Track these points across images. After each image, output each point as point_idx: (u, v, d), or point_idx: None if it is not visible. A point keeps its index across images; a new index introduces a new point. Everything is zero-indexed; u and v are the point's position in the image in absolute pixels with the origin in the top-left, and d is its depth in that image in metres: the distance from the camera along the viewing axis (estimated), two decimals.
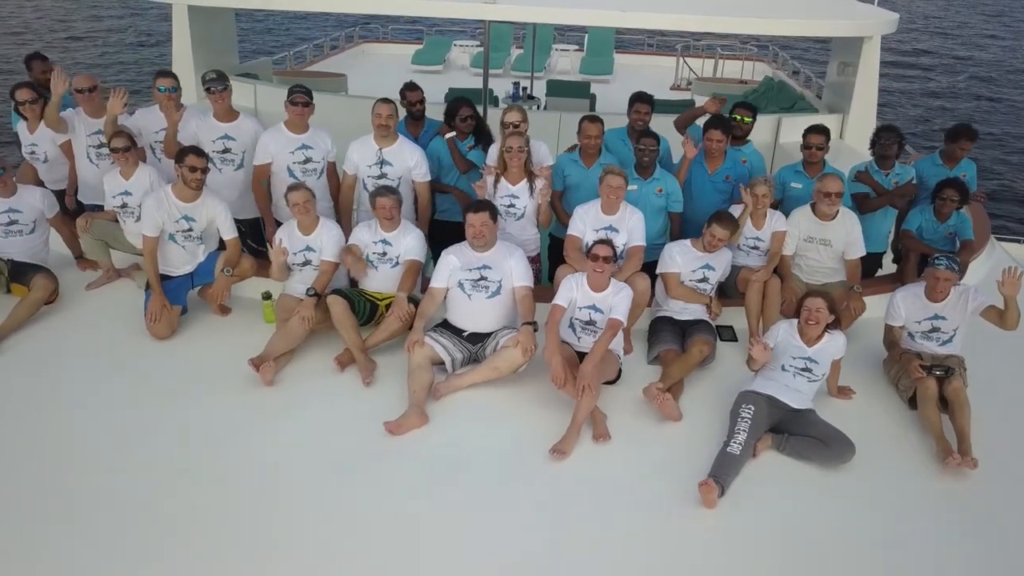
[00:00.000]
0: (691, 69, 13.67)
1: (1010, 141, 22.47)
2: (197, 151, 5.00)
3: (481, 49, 15.04)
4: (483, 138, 5.74)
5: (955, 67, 31.79)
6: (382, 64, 14.14)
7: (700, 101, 10.90)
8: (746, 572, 3.49)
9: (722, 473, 3.93)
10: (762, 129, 7.29)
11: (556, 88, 11.00)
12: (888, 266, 6.15)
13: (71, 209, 6.02)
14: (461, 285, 4.77)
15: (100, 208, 5.75)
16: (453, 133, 5.65)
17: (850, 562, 3.56)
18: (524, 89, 11.36)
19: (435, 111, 6.20)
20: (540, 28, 13.11)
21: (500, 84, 11.65)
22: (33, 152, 5.94)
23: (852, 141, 7.99)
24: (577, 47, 15.17)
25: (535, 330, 4.62)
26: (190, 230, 5.12)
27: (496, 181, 5.24)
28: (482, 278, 4.74)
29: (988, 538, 3.72)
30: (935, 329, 4.73)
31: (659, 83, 12.65)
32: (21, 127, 5.96)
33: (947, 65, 32.07)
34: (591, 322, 4.58)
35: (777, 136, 8.30)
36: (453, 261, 4.80)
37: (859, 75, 7.97)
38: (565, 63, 14.63)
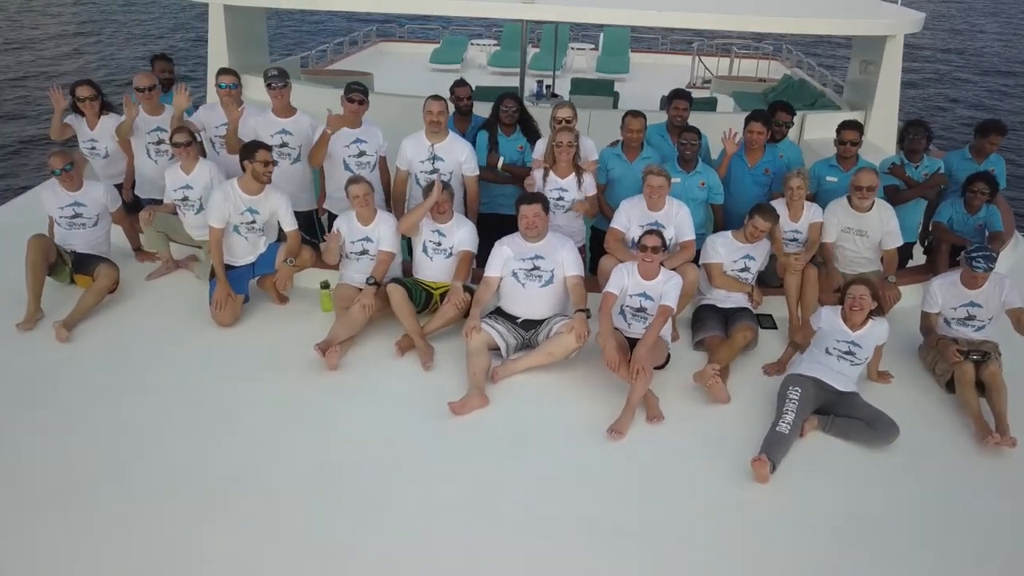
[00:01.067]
0: (707, 68, 13.87)
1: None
2: (267, 146, 5.22)
3: (498, 48, 15.28)
4: (530, 133, 5.95)
5: (973, 63, 32.07)
6: (400, 63, 14.35)
7: (720, 99, 11.15)
8: (797, 544, 3.70)
9: (772, 451, 4.14)
10: None
11: (580, 86, 11.20)
12: (919, 257, 6.35)
13: (128, 203, 6.24)
14: (515, 274, 4.98)
15: (157, 202, 5.98)
16: (501, 161, 5.86)
17: (896, 537, 3.76)
18: (548, 87, 11.56)
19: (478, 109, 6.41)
20: (562, 27, 13.31)
21: (509, 80, 11.85)
22: (93, 148, 6.16)
23: (874, 138, 8.16)
24: (592, 46, 15.37)
25: (587, 317, 4.84)
26: (253, 222, 5.33)
27: (545, 175, 5.45)
28: (535, 268, 4.95)
29: None
30: (971, 316, 4.93)
31: (675, 81, 12.78)
32: (80, 124, 6.18)
33: (965, 61, 32.30)
34: (641, 309, 4.79)
35: (801, 132, 8.49)
36: (507, 251, 5.01)
37: (882, 73, 8.15)
38: (581, 62, 14.82)
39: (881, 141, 7.97)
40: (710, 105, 10.29)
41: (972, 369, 4.63)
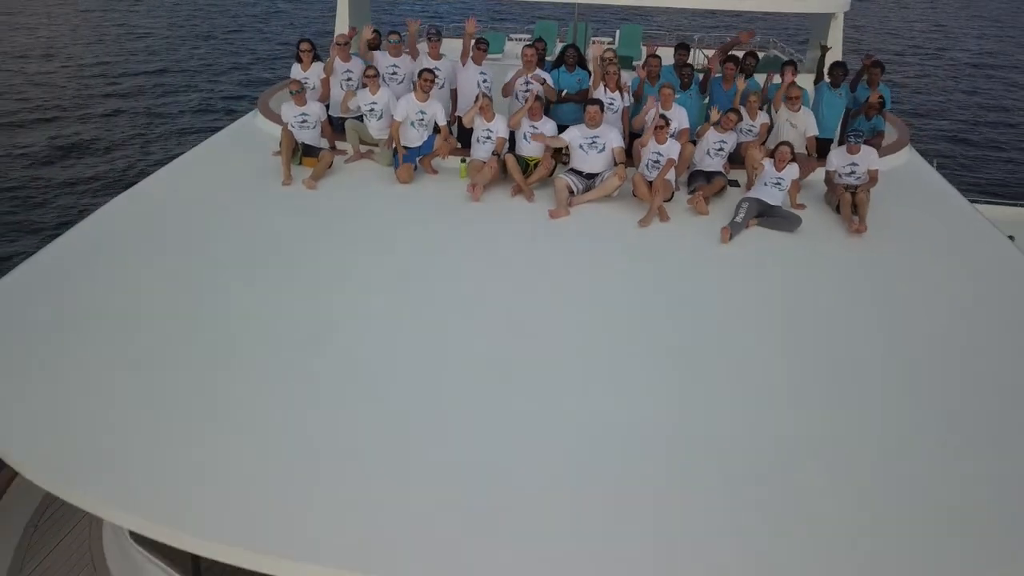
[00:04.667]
0: (705, 56, 17.31)
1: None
2: (429, 70, 8.72)
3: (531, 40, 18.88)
4: (584, 70, 9.42)
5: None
6: (452, 53, 17.93)
7: None
8: (747, 273, 7.01)
9: (732, 228, 7.55)
10: None
11: None
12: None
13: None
14: (581, 146, 8.41)
15: (342, 120, 9.44)
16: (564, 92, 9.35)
17: (794, 261, 7.16)
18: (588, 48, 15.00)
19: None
20: (580, 25, 16.84)
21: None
22: (306, 81, 9.63)
23: None
24: (610, 40, 18.83)
25: (624, 167, 8.26)
26: (422, 119, 8.80)
27: (595, 89, 8.91)
28: (593, 143, 8.38)
29: (876, 269, 7.22)
30: (852, 172, 8.33)
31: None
32: (295, 67, 9.68)
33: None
34: (656, 162, 8.21)
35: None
36: (575, 132, 8.44)
37: (835, 31, 11.63)
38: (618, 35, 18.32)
39: None
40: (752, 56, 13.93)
41: (850, 196, 8.02)
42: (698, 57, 17.29)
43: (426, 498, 4.29)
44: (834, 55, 11.65)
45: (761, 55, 15.71)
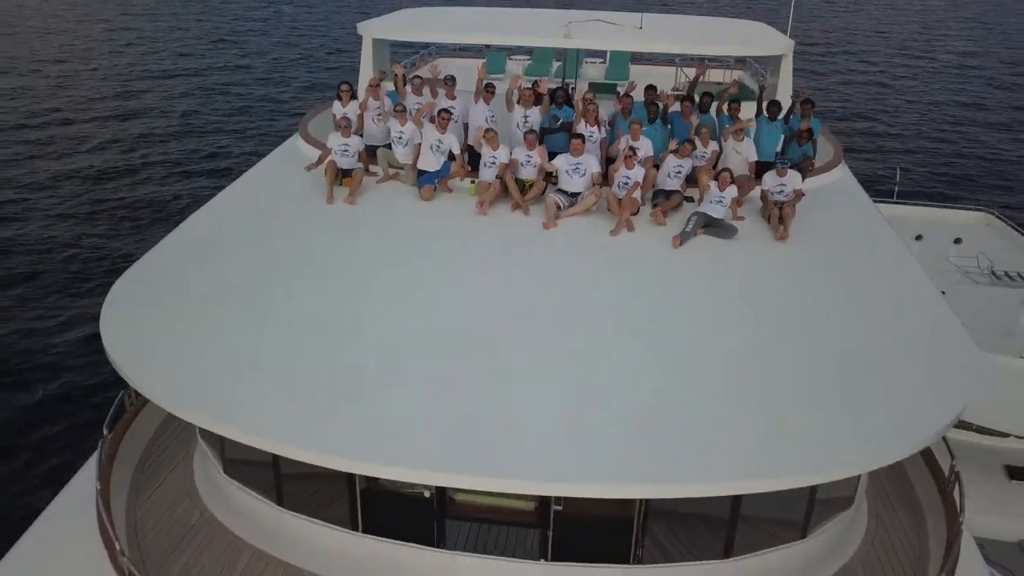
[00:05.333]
0: (686, 75, 19.47)
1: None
2: (445, 110, 10.94)
3: (531, 62, 21.04)
4: (570, 103, 11.62)
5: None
6: (459, 72, 20.14)
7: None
8: (693, 268, 9.22)
9: (683, 237, 9.75)
10: None
11: (595, 88, 16.83)
12: None
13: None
14: (567, 171, 10.61)
15: (374, 148, 11.65)
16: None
17: (733, 268, 9.35)
18: (573, 89, 17.18)
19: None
20: (571, 52, 19.07)
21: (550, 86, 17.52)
22: (344, 116, 11.84)
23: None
24: (601, 60, 21.01)
25: (600, 187, 10.46)
26: (439, 147, 11.02)
27: (578, 123, 11.12)
28: (576, 168, 10.58)
29: (788, 265, 9.43)
30: (780, 191, 10.52)
31: (662, 86, 18.49)
32: (336, 104, 11.91)
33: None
34: (625, 183, 10.39)
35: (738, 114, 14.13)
36: (561, 161, 10.64)
37: (780, 80, 13.79)
38: (593, 72, 20.47)
39: None
40: (708, 96, 15.99)
41: (778, 211, 10.20)
42: (681, 77, 19.48)
43: (455, 406, 6.70)
44: (786, 86, 13.86)
45: (733, 78, 17.98)
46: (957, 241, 18.60)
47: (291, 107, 37.73)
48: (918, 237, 19.11)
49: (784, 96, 13.79)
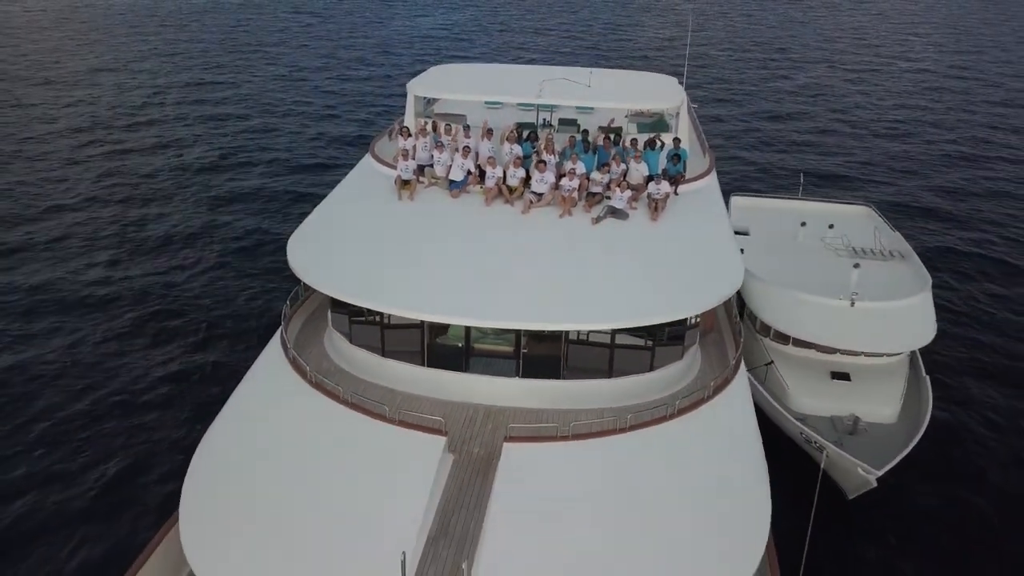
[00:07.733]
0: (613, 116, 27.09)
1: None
2: (466, 146, 18.98)
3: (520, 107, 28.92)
4: (533, 139, 19.66)
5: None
6: (469, 113, 28.00)
7: (627, 127, 24.68)
8: (597, 237, 17.22)
9: (597, 219, 17.75)
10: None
11: (563, 122, 24.71)
12: None
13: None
14: (535, 181, 18.59)
15: (423, 167, 19.63)
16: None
17: (620, 236, 17.37)
18: (546, 121, 25.04)
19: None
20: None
21: (532, 117, 25.32)
22: (404, 148, 19.79)
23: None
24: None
25: (554, 190, 18.45)
26: (462, 167, 19.00)
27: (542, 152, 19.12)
28: (542, 180, 18.55)
29: (650, 235, 17.48)
30: (657, 192, 18.50)
31: (603, 121, 26.31)
32: (399, 139, 19.93)
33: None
34: (568, 189, 18.40)
35: (660, 143, 22.13)
36: (535, 175, 18.63)
37: (679, 121, 21.79)
38: (563, 111, 28.33)
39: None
40: (617, 132, 23.90)
41: (655, 204, 18.18)
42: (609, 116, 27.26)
43: (477, 283, 14.81)
44: (683, 125, 21.77)
45: (652, 117, 26.03)
46: (831, 227, 27.36)
47: (337, 136, 47.30)
48: (803, 223, 27.91)
49: (682, 131, 21.68)
